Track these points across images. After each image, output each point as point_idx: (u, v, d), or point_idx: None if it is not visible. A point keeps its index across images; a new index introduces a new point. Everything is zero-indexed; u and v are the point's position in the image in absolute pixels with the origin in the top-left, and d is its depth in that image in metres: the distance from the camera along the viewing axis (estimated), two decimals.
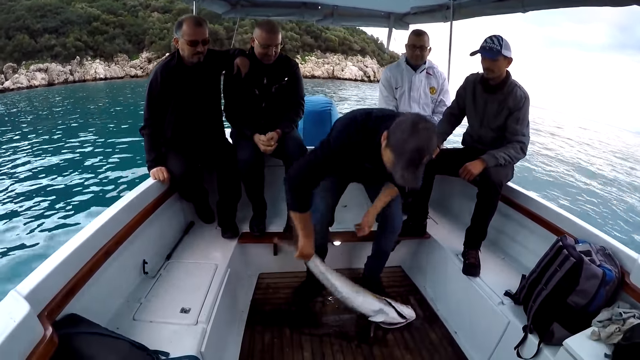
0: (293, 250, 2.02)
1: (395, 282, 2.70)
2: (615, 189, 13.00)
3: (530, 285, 1.82)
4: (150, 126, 2.22)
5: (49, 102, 22.19)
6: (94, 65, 43.09)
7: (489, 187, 2.18)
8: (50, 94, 26.50)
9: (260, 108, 2.42)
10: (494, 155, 2.17)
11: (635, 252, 1.68)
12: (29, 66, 38.70)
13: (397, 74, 2.95)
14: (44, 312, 1.16)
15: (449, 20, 3.13)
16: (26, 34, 40.76)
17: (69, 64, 41.66)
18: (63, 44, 41.96)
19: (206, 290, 1.88)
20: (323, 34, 51.34)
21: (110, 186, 7.60)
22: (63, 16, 44.18)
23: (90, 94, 25.52)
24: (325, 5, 3.59)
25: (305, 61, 50.41)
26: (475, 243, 2.31)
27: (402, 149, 1.35)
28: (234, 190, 2.42)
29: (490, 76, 2.21)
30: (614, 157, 21.63)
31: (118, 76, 44.33)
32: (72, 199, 6.87)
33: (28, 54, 39.90)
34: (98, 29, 45.98)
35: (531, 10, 2.50)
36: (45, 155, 9.86)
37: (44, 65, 39.39)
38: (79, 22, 44.97)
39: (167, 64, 2.19)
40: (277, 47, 2.30)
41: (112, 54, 45.71)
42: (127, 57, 46.64)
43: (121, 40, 47.31)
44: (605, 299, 1.59)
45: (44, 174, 8.21)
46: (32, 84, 37.03)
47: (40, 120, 15.69)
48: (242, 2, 3.45)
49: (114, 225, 1.69)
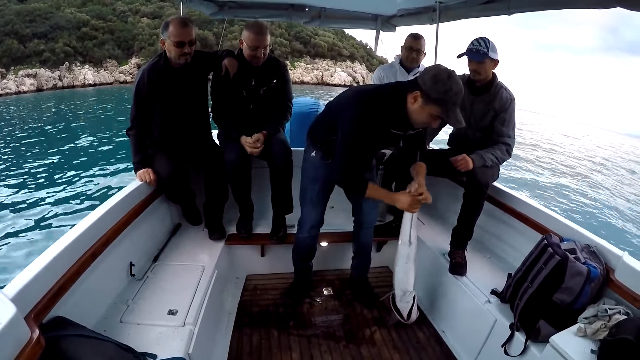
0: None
1: (383, 282, 2.70)
2: (603, 190, 13.24)
3: (516, 284, 1.84)
4: (136, 127, 2.21)
5: (38, 108, 21.91)
6: (83, 71, 42.63)
7: (475, 188, 2.20)
8: (39, 100, 26.14)
9: (248, 110, 2.41)
10: (482, 155, 2.20)
11: (620, 249, 1.72)
12: (17, 71, 38.23)
13: (391, 74, 2.97)
14: (30, 314, 1.15)
15: (435, 23, 3.16)
16: (15, 39, 40.26)
17: (58, 70, 41.21)
18: (52, 50, 41.52)
19: (193, 291, 1.86)
20: (312, 40, 51.56)
21: (96, 190, 7.52)
22: (52, 21, 43.74)
23: (80, 100, 25.21)
24: (312, 7, 3.61)
25: (295, 67, 50.46)
26: (461, 243, 2.33)
27: (447, 96, 1.54)
28: (221, 192, 2.41)
29: (477, 78, 2.24)
30: (601, 159, 22.05)
31: (107, 82, 43.92)
32: (58, 202, 6.80)
33: (17, 59, 39.41)
34: (87, 35, 45.58)
35: (516, 12, 2.54)
36: (30, 160, 9.74)
37: (33, 71, 38.92)
38: (68, 27, 44.54)
39: (154, 65, 2.18)
40: (266, 48, 2.29)
41: (101, 60, 45.30)
42: (116, 63, 46.27)
43: (110, 46, 46.93)
44: (590, 296, 1.61)
45: (30, 179, 8.10)
46: (21, 89, 36.56)
47: (28, 126, 15.51)
48: (229, 4, 3.45)
49: (101, 227, 1.67)
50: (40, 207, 6.71)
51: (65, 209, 6.60)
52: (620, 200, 11.83)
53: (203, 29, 34.59)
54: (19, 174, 8.64)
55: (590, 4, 1.92)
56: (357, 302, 2.45)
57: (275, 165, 2.38)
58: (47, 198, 7.12)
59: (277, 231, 2.50)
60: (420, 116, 1.64)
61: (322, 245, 2.55)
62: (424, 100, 1.58)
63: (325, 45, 52.20)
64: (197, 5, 3.20)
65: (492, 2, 2.61)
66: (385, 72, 3.00)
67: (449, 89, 1.53)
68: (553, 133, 35.29)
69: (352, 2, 3.50)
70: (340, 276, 2.66)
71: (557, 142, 27.77)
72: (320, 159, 2.06)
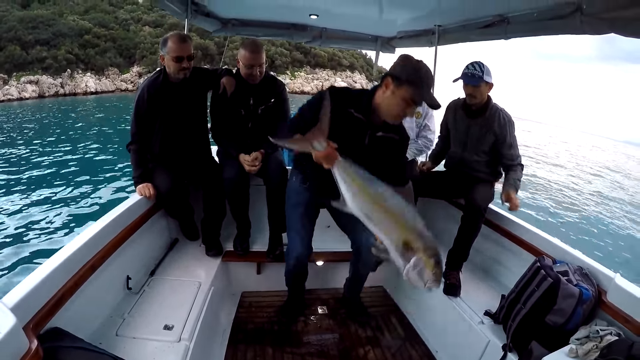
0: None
1: (376, 301, 2.71)
2: (603, 206, 13.31)
3: (510, 305, 1.87)
4: (137, 142, 2.24)
5: (40, 114, 21.89)
6: (84, 79, 42.78)
7: (475, 211, 2.23)
8: (41, 106, 26.13)
9: (247, 128, 2.44)
10: (514, 186, 2.25)
11: (613, 270, 1.75)
12: (19, 78, 38.28)
13: None
14: (29, 324, 1.17)
15: (434, 45, 3.23)
16: (17, 45, 40.37)
17: (60, 77, 41.31)
18: (54, 57, 41.64)
19: (189, 307, 1.87)
20: (312, 50, 52.00)
21: (96, 203, 7.48)
22: (55, 28, 43.92)
23: (81, 108, 25.25)
24: (314, 27, 3.70)
25: (295, 77, 50.87)
26: (456, 264, 2.34)
27: (417, 75, 1.55)
28: (219, 209, 2.43)
29: (472, 102, 2.29)
30: (600, 169, 22.13)
31: (109, 90, 44.07)
32: (59, 212, 6.75)
33: (19, 66, 39.48)
34: (89, 42, 45.81)
35: (513, 37, 2.58)
36: (32, 169, 9.71)
37: (35, 78, 39.01)
38: (71, 34, 44.73)
39: (153, 81, 2.23)
40: (262, 66, 2.33)
41: (103, 68, 45.50)
42: (118, 71, 46.47)
43: (112, 54, 47.17)
44: (582, 317, 1.64)
45: (30, 188, 8.05)
46: (23, 95, 36.58)
47: (30, 133, 15.51)
48: (232, 21, 3.54)
49: (101, 239, 1.70)
50: (32, 214, 6.68)
51: (62, 218, 6.56)
52: (617, 222, 11.89)
53: (204, 38, 34.96)
54: (15, 182, 8.60)
55: (584, 30, 1.97)
56: (351, 322, 2.45)
57: (271, 184, 2.41)
58: (44, 205, 7.09)
59: (274, 249, 2.51)
60: (393, 103, 1.60)
61: (318, 264, 2.57)
62: (395, 84, 1.58)
63: (325, 55, 52.76)
64: (201, 22, 3.28)
65: (489, 27, 2.67)
66: None
67: (418, 68, 1.56)
68: (551, 142, 35.43)
69: (353, 24, 3.58)
70: (335, 295, 2.67)
71: (555, 152, 27.90)
72: (300, 183, 2.03)
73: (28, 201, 7.28)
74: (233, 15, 3.48)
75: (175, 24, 45.68)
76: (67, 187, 8.19)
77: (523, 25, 2.40)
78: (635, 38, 1.73)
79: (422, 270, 1.45)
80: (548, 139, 40.16)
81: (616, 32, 1.80)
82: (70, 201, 7.37)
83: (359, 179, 1.54)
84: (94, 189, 8.24)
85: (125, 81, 46.00)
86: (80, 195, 7.77)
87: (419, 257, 1.44)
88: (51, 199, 7.42)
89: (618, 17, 1.75)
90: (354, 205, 1.55)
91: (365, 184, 1.53)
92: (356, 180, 1.54)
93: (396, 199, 1.50)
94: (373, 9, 2.84)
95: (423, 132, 3.05)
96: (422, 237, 1.48)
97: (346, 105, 1.73)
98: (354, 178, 1.54)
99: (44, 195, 7.64)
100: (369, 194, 1.52)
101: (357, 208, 1.55)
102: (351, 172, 1.55)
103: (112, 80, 45.40)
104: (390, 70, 1.62)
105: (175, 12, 2.81)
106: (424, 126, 3.05)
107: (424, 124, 3.05)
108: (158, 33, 50.41)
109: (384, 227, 1.54)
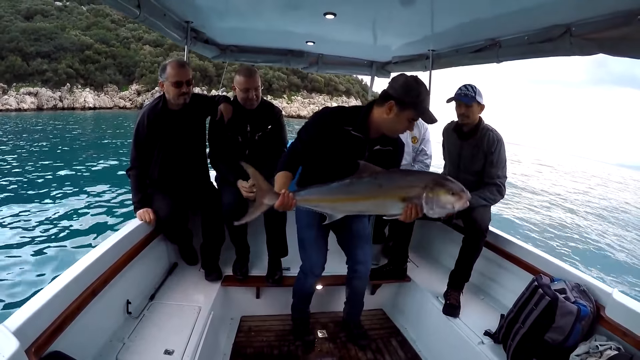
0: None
1: (376, 324, 2.71)
2: (597, 224, 13.34)
3: (509, 325, 1.89)
4: (136, 167, 2.27)
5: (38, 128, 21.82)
6: (83, 94, 43.08)
7: (476, 232, 2.26)
8: (39, 119, 26.06)
9: (244, 155, 2.48)
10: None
11: (610, 286, 1.78)
12: (19, 89, 38.53)
13: None
14: (31, 348, 1.18)
15: (428, 70, 3.29)
16: (19, 56, 40.77)
17: (59, 90, 41.60)
18: (55, 70, 42.01)
19: (189, 332, 1.87)
20: (309, 75, 52.84)
21: (96, 227, 7.40)
22: (57, 42, 44.37)
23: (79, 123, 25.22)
24: (310, 53, 3.79)
25: (292, 101, 51.43)
26: (458, 284, 2.36)
27: (419, 99, 1.67)
28: (218, 234, 2.44)
29: (464, 122, 2.36)
30: (593, 191, 22.19)
31: (107, 106, 44.31)
32: (58, 234, 6.66)
33: (19, 77, 39.81)
34: (90, 58, 46.30)
35: (505, 61, 2.63)
36: (30, 189, 9.62)
37: (34, 89, 39.29)
38: (72, 49, 45.21)
39: (153, 107, 2.28)
40: (258, 90, 2.39)
41: (102, 84, 45.88)
42: (116, 88, 46.84)
43: (112, 71, 47.64)
44: (582, 334, 1.67)
45: (27, 210, 7.96)
46: (21, 107, 36.77)
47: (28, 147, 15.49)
48: (231, 47, 3.64)
49: (101, 264, 1.71)
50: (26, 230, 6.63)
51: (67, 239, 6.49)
52: (612, 233, 11.92)
53: (203, 60, 35.41)
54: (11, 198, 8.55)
55: (574, 51, 2.03)
56: (351, 345, 2.44)
57: (269, 210, 2.43)
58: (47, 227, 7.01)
59: (273, 274, 2.52)
60: (398, 123, 1.74)
61: (317, 288, 2.56)
62: (399, 108, 1.69)
63: (322, 80, 53.60)
64: (200, 49, 3.35)
65: (482, 51, 2.74)
66: None
67: (419, 92, 1.67)
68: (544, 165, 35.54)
69: (349, 49, 3.65)
70: (335, 319, 2.66)
71: (549, 177, 28.03)
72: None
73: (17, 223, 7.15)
74: (231, 42, 3.58)
75: (175, 44, 46.18)
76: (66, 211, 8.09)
77: (514, 49, 2.46)
78: (623, 57, 1.78)
79: (436, 201, 1.57)
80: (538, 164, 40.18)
81: (605, 52, 1.85)
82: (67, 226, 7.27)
83: (322, 195, 1.70)
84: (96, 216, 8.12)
85: (124, 98, 46.32)
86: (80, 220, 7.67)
87: (424, 197, 1.57)
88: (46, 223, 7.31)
89: (606, 37, 1.81)
90: (340, 213, 1.72)
91: (329, 195, 1.69)
92: (321, 198, 1.71)
93: (361, 183, 1.66)
94: (368, 35, 2.92)
95: (420, 157, 3.07)
96: (408, 184, 1.62)
97: (343, 124, 1.84)
98: (318, 198, 1.71)
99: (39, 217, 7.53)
100: (338, 199, 1.70)
101: (344, 212, 1.73)
102: (313, 198, 1.72)
103: (111, 96, 45.72)
104: (391, 93, 1.71)
105: (175, 39, 2.88)
106: (420, 151, 3.07)
107: (420, 148, 3.07)
108: (158, 52, 51.13)
109: (375, 208, 1.75)
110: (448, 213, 1.63)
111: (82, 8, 59.03)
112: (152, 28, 2.62)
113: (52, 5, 56.30)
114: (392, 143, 1.94)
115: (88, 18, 55.71)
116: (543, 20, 2.08)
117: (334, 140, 1.84)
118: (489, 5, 1.99)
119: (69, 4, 58.53)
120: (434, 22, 2.45)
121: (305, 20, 2.65)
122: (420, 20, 2.41)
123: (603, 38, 1.83)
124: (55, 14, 53.82)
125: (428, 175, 1.66)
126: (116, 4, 2.05)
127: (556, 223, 12.66)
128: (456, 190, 1.57)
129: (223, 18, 2.80)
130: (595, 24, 1.85)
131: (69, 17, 54.46)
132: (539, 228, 11.40)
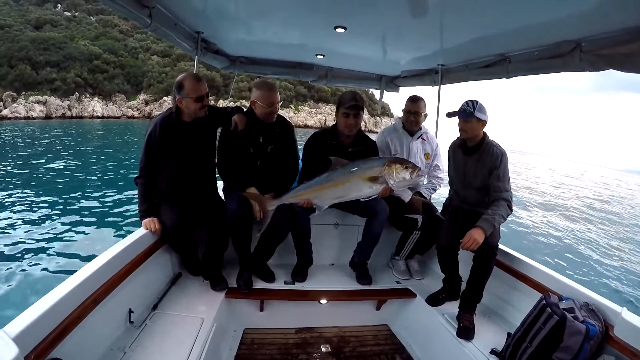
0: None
1: (380, 340, 2.65)
2: (605, 238, 13.13)
3: (516, 344, 1.85)
4: (145, 176, 2.26)
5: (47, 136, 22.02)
6: (92, 103, 43.63)
7: (487, 251, 2.19)
8: (48, 127, 26.28)
9: (255, 166, 2.48)
10: (489, 220, 2.17)
11: (619, 305, 1.74)
12: (28, 97, 39.09)
13: (395, 138, 2.97)
14: (30, 354, 1.16)
15: (437, 84, 3.31)
16: (28, 65, 41.48)
17: (68, 99, 42.16)
18: (63, 79, 42.64)
19: (192, 343, 1.85)
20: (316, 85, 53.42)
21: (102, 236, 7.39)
22: (66, 51, 45.15)
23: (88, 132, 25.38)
24: (320, 66, 3.84)
25: (299, 110, 51.88)
26: (470, 305, 2.29)
27: (342, 99, 2.53)
28: (221, 242, 2.41)
29: (464, 136, 2.36)
30: (598, 199, 21.88)
31: (115, 116, 44.80)
32: (62, 242, 6.66)
33: (28, 85, 40.42)
34: (99, 67, 47.03)
35: (515, 76, 2.64)
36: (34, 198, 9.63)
37: (43, 98, 39.84)
38: (81, 58, 45.99)
39: (166, 118, 2.27)
40: (278, 104, 2.41)
41: (111, 93, 46.48)
42: (125, 98, 47.42)
43: (120, 81, 48.31)
44: (590, 353, 1.63)
45: (30, 217, 7.97)
46: (30, 115, 37.23)
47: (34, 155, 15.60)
48: (240, 59, 3.69)
49: (104, 272, 1.70)
50: None
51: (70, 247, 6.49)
52: (622, 247, 11.71)
53: (211, 70, 35.89)
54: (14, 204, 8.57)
55: (583, 67, 2.03)
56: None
57: (277, 232, 2.48)
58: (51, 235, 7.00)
59: (300, 272, 2.66)
60: (338, 121, 2.55)
61: (322, 302, 2.54)
62: (336, 112, 2.57)
63: (328, 90, 54.07)
64: (210, 59, 3.39)
65: (491, 66, 2.74)
66: (390, 136, 2.98)
67: (342, 95, 2.54)
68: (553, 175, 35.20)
69: (358, 63, 3.69)
70: (339, 333, 2.61)
71: (557, 184, 27.70)
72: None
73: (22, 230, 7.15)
74: (241, 53, 3.62)
75: (183, 54, 46.73)
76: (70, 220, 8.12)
77: (524, 64, 2.47)
78: (633, 73, 1.78)
79: (395, 174, 2.11)
80: (550, 171, 40.03)
81: (615, 68, 1.86)
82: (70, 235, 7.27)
83: (308, 188, 2.24)
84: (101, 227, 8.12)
85: (132, 108, 46.85)
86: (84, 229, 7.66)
87: (385, 173, 2.10)
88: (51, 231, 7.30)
89: (616, 53, 1.81)
90: (325, 200, 2.23)
91: (314, 187, 2.22)
92: (307, 191, 2.24)
93: (335, 173, 2.19)
94: (378, 49, 2.95)
95: (434, 172, 3.06)
96: (370, 167, 2.15)
97: (325, 140, 2.59)
98: (305, 192, 2.25)
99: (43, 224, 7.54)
100: (320, 188, 2.21)
101: (327, 201, 2.24)
102: (301, 192, 2.25)
103: (119, 106, 46.28)
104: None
105: (185, 49, 2.92)
106: (434, 167, 3.06)
107: (434, 164, 3.06)
108: (166, 62, 51.90)
109: (351, 191, 2.18)
110: (409, 186, 2.22)
111: (91, 18, 60.40)
112: (163, 38, 2.65)
113: (62, 16, 57.78)
114: (362, 143, 2.62)
115: (97, 28, 56.82)
116: (553, 36, 2.09)
117: (323, 153, 2.43)
118: (499, 21, 2.00)
119: (77, 15, 59.97)
120: (444, 37, 2.46)
121: (316, 33, 2.69)
122: (429, 35, 2.43)
123: (613, 54, 1.84)
124: (64, 24, 55.01)
125: (386, 158, 2.31)
126: (128, 14, 2.08)
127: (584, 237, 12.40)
128: (409, 165, 2.12)
129: (234, 29, 2.83)
130: (605, 40, 1.85)
131: (78, 27, 55.57)
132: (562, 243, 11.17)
